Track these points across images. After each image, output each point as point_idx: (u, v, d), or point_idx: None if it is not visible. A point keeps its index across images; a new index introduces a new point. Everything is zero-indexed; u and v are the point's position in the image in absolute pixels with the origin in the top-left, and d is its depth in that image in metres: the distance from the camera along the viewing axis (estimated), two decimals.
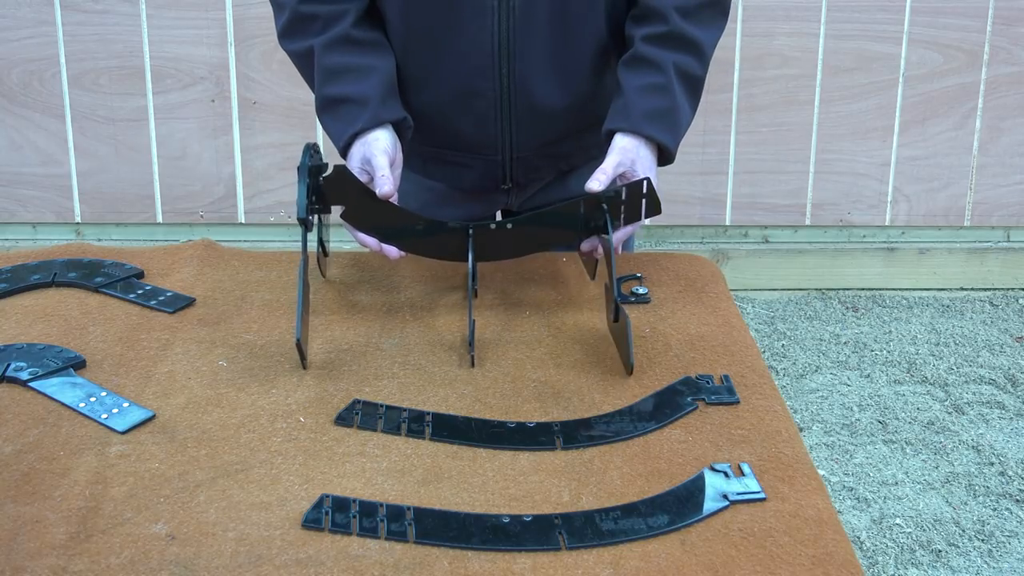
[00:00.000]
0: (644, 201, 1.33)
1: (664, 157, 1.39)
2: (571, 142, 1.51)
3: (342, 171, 1.28)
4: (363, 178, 1.33)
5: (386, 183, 1.29)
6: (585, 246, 1.37)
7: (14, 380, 1.18)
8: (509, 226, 1.35)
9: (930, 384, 2.83)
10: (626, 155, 1.34)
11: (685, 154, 3.22)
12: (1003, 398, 2.76)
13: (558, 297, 1.39)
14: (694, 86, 1.40)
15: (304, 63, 1.42)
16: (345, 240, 1.58)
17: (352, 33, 1.39)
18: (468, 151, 1.48)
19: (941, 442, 2.59)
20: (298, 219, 1.23)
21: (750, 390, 1.19)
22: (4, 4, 2.96)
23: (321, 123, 1.42)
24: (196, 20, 2.98)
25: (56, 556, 0.92)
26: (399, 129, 1.39)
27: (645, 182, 1.32)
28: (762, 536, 0.96)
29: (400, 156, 1.38)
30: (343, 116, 1.37)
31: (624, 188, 1.32)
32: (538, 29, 1.38)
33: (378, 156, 1.33)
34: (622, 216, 1.34)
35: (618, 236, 1.34)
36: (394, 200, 1.31)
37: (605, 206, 1.31)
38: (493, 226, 1.34)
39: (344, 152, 1.38)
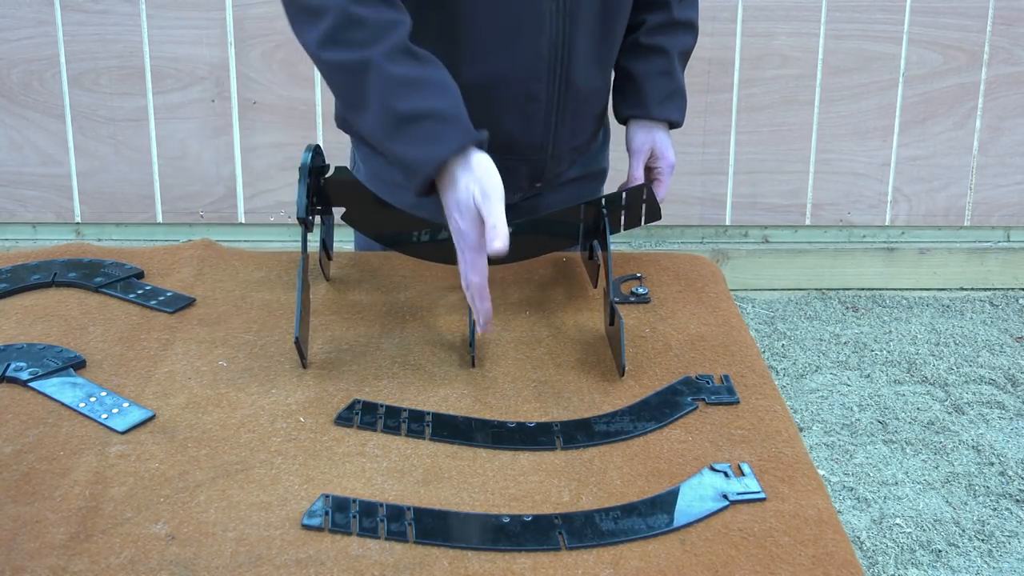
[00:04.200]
0: (644, 206, 1.35)
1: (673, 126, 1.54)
2: (593, 137, 1.55)
3: (344, 172, 1.28)
4: (476, 226, 1.15)
5: (501, 238, 1.12)
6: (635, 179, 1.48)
7: (14, 380, 1.18)
8: (510, 230, 1.35)
9: (930, 384, 2.83)
10: (645, 146, 1.49)
11: (685, 154, 3.23)
12: (1003, 398, 2.76)
13: (558, 297, 1.39)
14: (688, 59, 1.55)
15: (351, 77, 1.21)
16: (346, 240, 1.58)
17: (411, 46, 1.22)
18: (513, 153, 1.45)
19: (941, 442, 2.59)
20: (298, 219, 1.23)
21: (750, 390, 1.19)
22: (4, 4, 2.96)
23: (389, 148, 1.21)
24: (196, 20, 2.98)
25: (56, 556, 0.92)
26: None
27: (645, 188, 1.34)
28: (762, 536, 0.96)
29: None
30: (427, 135, 1.17)
31: (624, 193, 1.33)
32: (587, 30, 1.39)
33: (495, 202, 1.14)
34: (622, 221, 1.35)
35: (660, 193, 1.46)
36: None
37: (605, 211, 1.32)
38: None
39: (427, 179, 1.19)
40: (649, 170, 1.51)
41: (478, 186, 1.15)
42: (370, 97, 1.20)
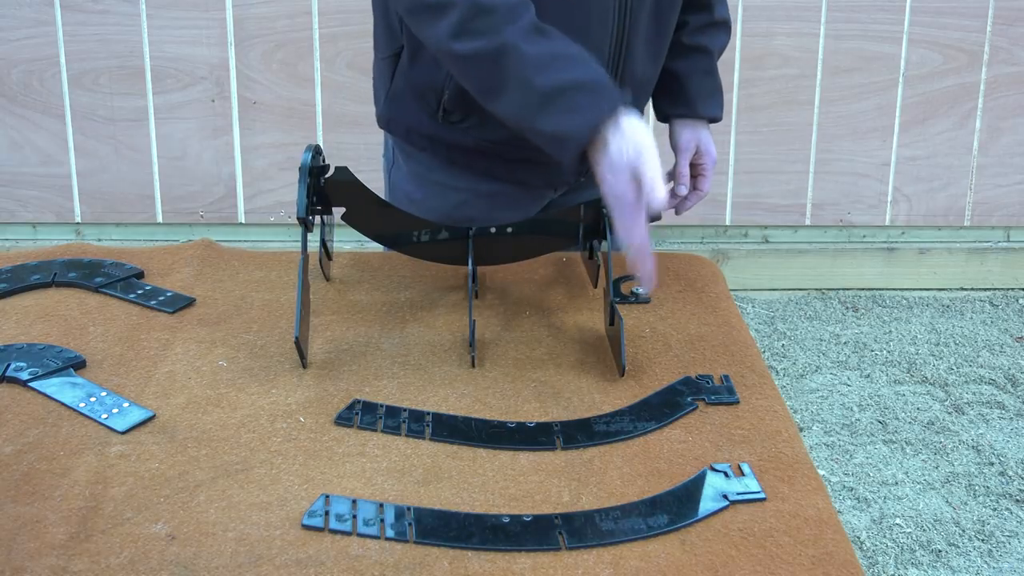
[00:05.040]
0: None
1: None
2: None
3: (344, 172, 1.28)
4: (633, 186, 1.17)
5: (664, 195, 1.15)
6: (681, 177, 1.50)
7: (14, 380, 1.18)
8: (509, 231, 1.35)
9: (930, 384, 2.83)
10: (691, 144, 1.52)
11: None
12: (1003, 398, 2.76)
13: (558, 297, 1.39)
14: (721, 54, 1.58)
15: (487, 64, 1.22)
16: (346, 240, 1.58)
17: (540, 24, 1.23)
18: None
19: (941, 442, 2.59)
20: (298, 218, 1.23)
21: (750, 390, 1.19)
22: (4, 4, 2.96)
23: (536, 126, 1.22)
24: (196, 20, 2.98)
25: (56, 556, 0.92)
26: None
27: None
28: (762, 536, 0.96)
29: None
30: (575, 106, 1.19)
31: None
32: (643, 25, 1.40)
33: (648, 159, 1.16)
34: None
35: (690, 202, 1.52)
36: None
37: (605, 211, 1.32)
38: (493, 230, 1.34)
39: (580, 148, 1.21)
40: (693, 166, 1.53)
41: (631, 145, 1.17)
42: (508, 80, 1.21)
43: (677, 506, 0.99)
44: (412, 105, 1.47)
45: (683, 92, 1.53)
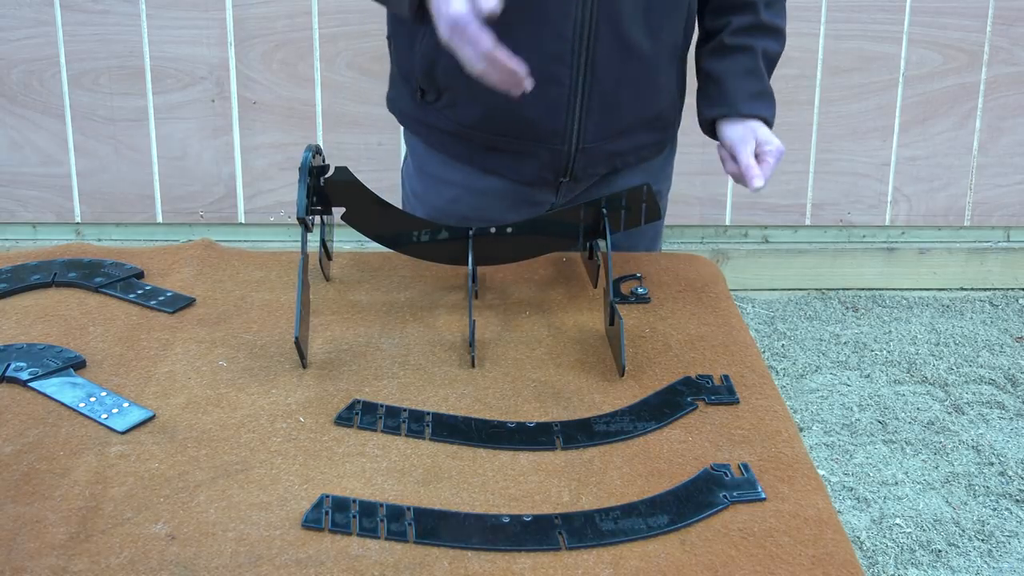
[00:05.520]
0: (644, 206, 1.34)
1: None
2: (630, 138, 1.50)
3: (344, 172, 1.28)
4: (462, 6, 1.16)
5: (493, 2, 1.14)
6: (730, 166, 1.43)
7: (14, 380, 1.18)
8: (509, 231, 1.35)
9: (930, 384, 2.83)
10: (747, 135, 1.42)
11: (685, 154, 3.23)
12: (1003, 398, 2.76)
13: (558, 297, 1.39)
14: (773, 64, 1.51)
15: None
16: (346, 240, 1.58)
17: None
18: (536, 140, 1.44)
19: (941, 442, 2.59)
20: (298, 218, 1.23)
21: (750, 390, 1.19)
22: (4, 4, 2.96)
23: None
24: (196, 20, 2.98)
25: (56, 556, 0.92)
26: None
27: (645, 187, 1.33)
28: (762, 536, 0.96)
29: None
30: None
31: (625, 193, 1.33)
32: (620, 16, 1.37)
33: None
34: (622, 221, 1.35)
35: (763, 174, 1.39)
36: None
37: (605, 211, 1.32)
38: (493, 230, 1.34)
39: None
40: (757, 155, 1.42)
41: None
42: None
43: (677, 506, 0.99)
44: (402, 87, 1.53)
45: (721, 92, 1.46)
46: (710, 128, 1.50)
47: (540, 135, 1.44)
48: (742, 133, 1.43)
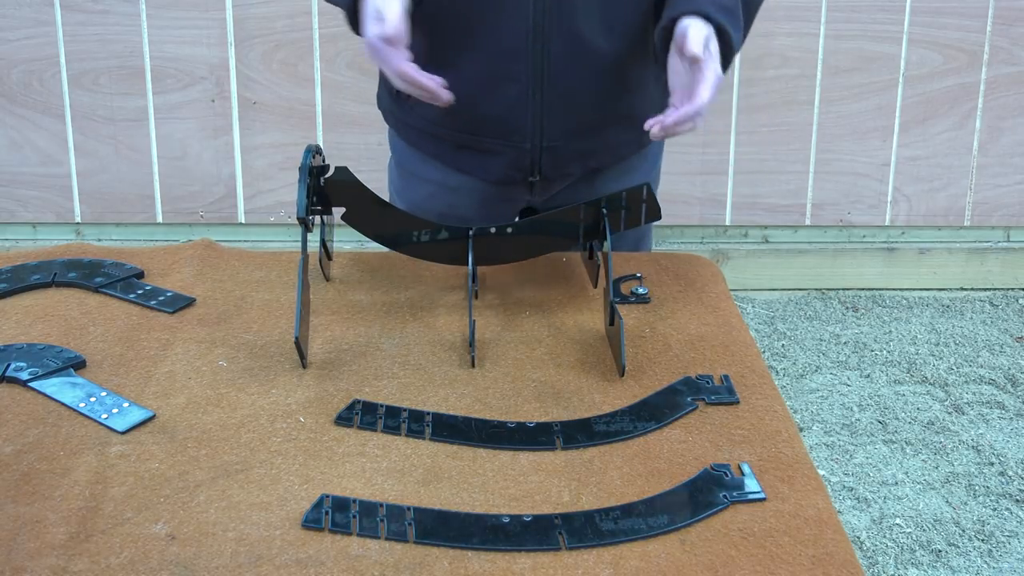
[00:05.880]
0: (644, 206, 1.34)
1: (723, 61, 1.29)
2: (601, 137, 1.48)
3: (344, 172, 1.28)
4: (378, 25, 1.24)
5: (391, 24, 1.22)
6: None
7: (14, 380, 1.18)
8: (509, 231, 1.35)
9: (930, 384, 2.83)
10: (697, 34, 1.24)
11: (685, 154, 3.23)
12: (1003, 398, 2.76)
13: (558, 297, 1.39)
14: (749, 5, 1.37)
15: None
16: (346, 240, 1.58)
17: None
18: (498, 137, 1.44)
19: (941, 442, 2.59)
20: (298, 218, 1.23)
21: (750, 390, 1.19)
22: (4, 4, 2.96)
23: None
24: (196, 20, 2.98)
25: (56, 556, 0.92)
26: None
27: (645, 187, 1.33)
28: (762, 536, 0.96)
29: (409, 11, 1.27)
30: None
31: (624, 193, 1.33)
32: (575, 14, 1.35)
33: (391, 2, 1.24)
34: (622, 221, 1.35)
35: None
36: (403, 41, 1.23)
37: (605, 211, 1.32)
38: (493, 230, 1.34)
39: (352, 6, 1.28)
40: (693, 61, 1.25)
41: None
42: None
43: (677, 506, 0.99)
44: (383, 85, 1.57)
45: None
46: (665, 42, 1.30)
47: (501, 133, 1.44)
48: (706, 33, 1.26)
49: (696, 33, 1.24)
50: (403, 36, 1.24)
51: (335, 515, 0.97)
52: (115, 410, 1.12)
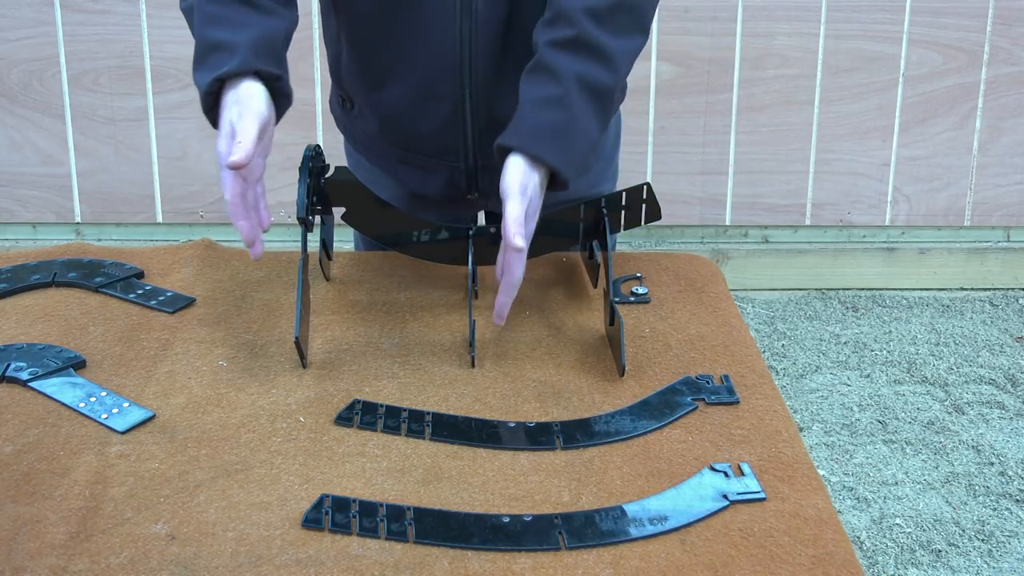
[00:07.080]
0: (644, 206, 1.35)
1: (556, 181, 1.23)
2: None
3: (344, 172, 1.28)
4: (229, 143, 1.20)
5: (240, 151, 1.16)
6: None
7: (14, 380, 1.18)
8: None
9: (930, 384, 2.83)
10: (524, 187, 1.19)
11: (685, 154, 3.24)
12: (1003, 398, 2.76)
13: (558, 297, 1.39)
14: (601, 97, 1.24)
15: (189, 19, 1.30)
16: (346, 240, 1.58)
17: None
18: (432, 155, 1.43)
19: (941, 442, 2.59)
20: (298, 218, 1.23)
21: (750, 390, 1.19)
22: (4, 4, 2.96)
23: (194, 81, 1.27)
24: None
25: (56, 556, 0.92)
26: (274, 91, 1.24)
27: (645, 187, 1.33)
28: (762, 536, 0.96)
29: (273, 126, 1.26)
30: (212, 63, 1.22)
31: (624, 192, 1.33)
32: (499, 38, 1.33)
33: (247, 119, 1.19)
34: (622, 221, 1.35)
35: None
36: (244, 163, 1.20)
37: (605, 211, 1.32)
38: (493, 230, 1.34)
39: (210, 105, 1.24)
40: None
41: (238, 107, 1.20)
42: (194, 33, 1.28)
43: (677, 506, 0.99)
44: (334, 89, 1.55)
45: (518, 114, 1.22)
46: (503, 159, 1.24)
47: (435, 152, 1.43)
48: (522, 181, 1.18)
49: (514, 201, 1.17)
50: (251, 163, 1.22)
51: (335, 515, 0.97)
52: (115, 410, 1.12)
